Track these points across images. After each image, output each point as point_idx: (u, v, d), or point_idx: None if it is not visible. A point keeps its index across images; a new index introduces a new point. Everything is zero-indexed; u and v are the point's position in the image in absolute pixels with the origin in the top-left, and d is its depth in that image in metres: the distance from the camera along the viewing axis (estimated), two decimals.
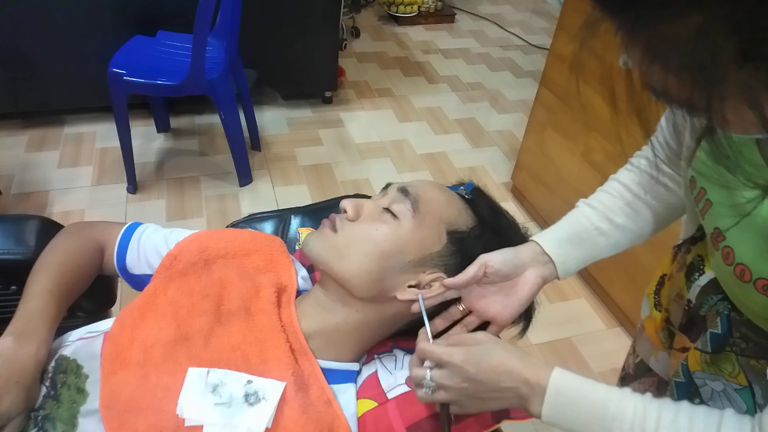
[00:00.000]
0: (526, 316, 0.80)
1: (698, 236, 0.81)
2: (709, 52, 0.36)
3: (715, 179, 0.63)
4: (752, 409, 0.67)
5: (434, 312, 0.75)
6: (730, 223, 0.61)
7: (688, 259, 0.81)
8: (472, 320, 0.75)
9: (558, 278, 0.75)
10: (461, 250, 0.75)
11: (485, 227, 0.77)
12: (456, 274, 0.74)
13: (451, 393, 0.64)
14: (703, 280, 0.75)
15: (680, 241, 0.88)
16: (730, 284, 0.66)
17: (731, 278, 0.63)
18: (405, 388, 0.74)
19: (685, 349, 0.78)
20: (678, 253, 0.87)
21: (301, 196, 2.26)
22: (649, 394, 0.60)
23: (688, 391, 0.77)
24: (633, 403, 0.59)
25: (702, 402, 0.74)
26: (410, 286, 0.74)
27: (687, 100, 0.40)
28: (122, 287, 1.02)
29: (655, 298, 0.93)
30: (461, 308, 0.75)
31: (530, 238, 0.77)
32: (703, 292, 0.75)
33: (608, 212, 0.77)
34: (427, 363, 0.65)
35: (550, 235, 0.76)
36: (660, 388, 0.93)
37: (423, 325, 0.70)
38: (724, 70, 0.36)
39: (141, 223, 0.89)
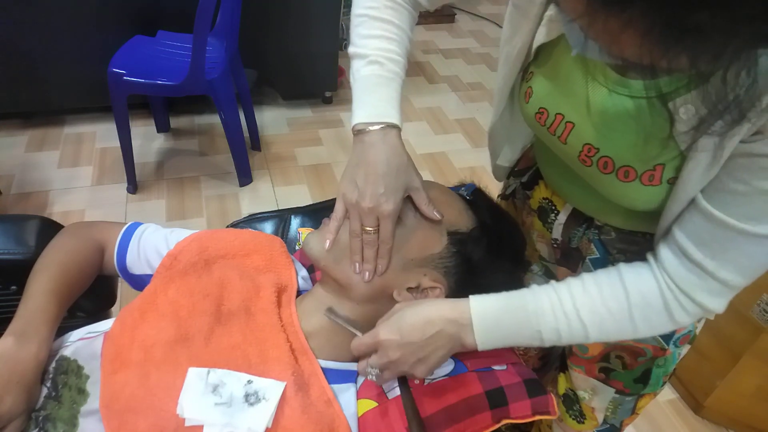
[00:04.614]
0: None
1: (526, 182, 0.88)
2: None
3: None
4: None
5: None
6: (592, 130, 0.64)
7: (534, 204, 0.85)
8: None
9: None
10: (461, 252, 0.75)
11: (485, 229, 0.77)
12: (456, 276, 0.75)
13: (394, 367, 0.67)
14: (561, 217, 0.80)
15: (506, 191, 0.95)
16: (601, 185, 0.67)
17: (596, 175, 0.66)
18: None
19: None
20: (510, 199, 0.94)
21: (301, 196, 2.26)
22: (553, 281, 0.65)
23: None
24: (546, 294, 0.64)
25: None
26: (409, 288, 0.74)
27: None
28: (122, 287, 1.02)
29: None
30: None
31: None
32: (566, 228, 0.80)
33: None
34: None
35: None
36: None
37: None
38: None
39: (141, 223, 0.89)
